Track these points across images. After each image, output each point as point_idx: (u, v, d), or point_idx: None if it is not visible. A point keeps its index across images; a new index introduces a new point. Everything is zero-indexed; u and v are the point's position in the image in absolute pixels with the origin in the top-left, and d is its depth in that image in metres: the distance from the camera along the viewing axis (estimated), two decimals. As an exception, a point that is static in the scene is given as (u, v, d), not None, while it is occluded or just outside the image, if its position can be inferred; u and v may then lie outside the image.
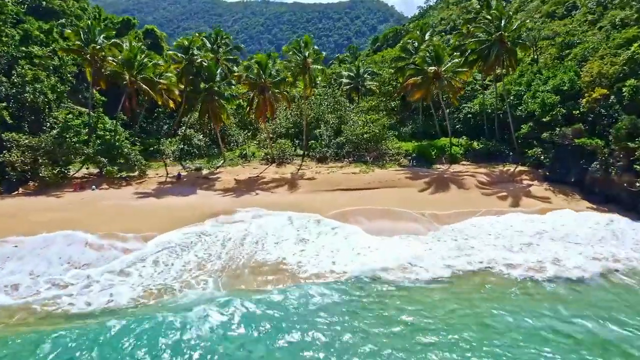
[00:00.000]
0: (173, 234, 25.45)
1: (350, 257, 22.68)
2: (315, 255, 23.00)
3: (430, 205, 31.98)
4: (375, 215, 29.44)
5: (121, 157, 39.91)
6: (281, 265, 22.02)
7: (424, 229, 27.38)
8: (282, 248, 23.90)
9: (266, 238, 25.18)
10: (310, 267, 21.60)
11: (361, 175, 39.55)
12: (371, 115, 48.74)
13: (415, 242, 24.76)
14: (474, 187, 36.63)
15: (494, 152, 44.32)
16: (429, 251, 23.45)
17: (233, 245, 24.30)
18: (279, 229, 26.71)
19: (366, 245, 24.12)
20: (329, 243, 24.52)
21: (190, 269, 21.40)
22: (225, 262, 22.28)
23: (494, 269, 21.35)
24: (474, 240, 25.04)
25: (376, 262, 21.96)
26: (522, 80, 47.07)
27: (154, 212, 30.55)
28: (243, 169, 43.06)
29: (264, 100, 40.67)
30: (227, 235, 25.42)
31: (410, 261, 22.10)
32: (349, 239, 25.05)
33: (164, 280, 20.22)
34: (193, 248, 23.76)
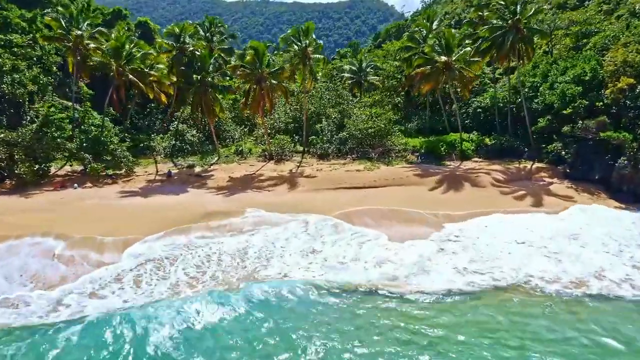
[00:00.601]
0: (157, 243, 22.05)
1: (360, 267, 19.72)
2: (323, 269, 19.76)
3: (443, 205, 29.01)
4: (383, 216, 26.46)
5: (107, 153, 36.96)
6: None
7: (438, 232, 24.38)
8: (286, 260, 20.62)
9: (268, 248, 21.93)
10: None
11: (366, 172, 36.60)
12: (375, 109, 45.74)
13: (428, 248, 21.69)
14: (489, 185, 33.66)
15: (507, 148, 41.31)
16: (445, 259, 20.43)
17: (230, 260, 20.54)
18: (281, 233, 23.68)
19: (380, 253, 21.13)
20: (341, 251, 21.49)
21: (179, 291, 17.60)
22: (221, 281, 18.71)
23: (524, 283, 18.14)
24: (496, 245, 22.00)
25: (385, 273, 18.98)
26: (536, 71, 44.14)
27: (140, 212, 27.64)
28: (239, 166, 40.11)
29: (261, 91, 37.71)
30: (222, 247, 21.99)
31: (423, 272, 19.10)
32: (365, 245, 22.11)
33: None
34: (182, 262, 20.16)
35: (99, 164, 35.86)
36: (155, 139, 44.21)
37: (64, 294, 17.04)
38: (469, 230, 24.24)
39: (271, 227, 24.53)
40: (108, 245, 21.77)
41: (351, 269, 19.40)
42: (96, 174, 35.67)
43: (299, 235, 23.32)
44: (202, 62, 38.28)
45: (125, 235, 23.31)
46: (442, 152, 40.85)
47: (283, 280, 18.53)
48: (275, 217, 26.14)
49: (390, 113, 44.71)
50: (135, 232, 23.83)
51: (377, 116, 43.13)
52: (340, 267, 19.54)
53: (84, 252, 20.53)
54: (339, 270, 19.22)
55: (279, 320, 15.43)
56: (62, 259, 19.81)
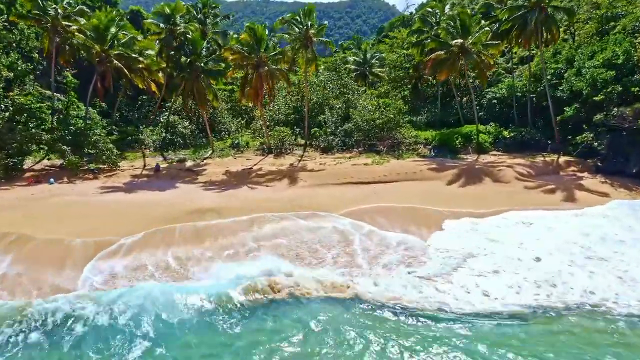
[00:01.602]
0: (121, 263, 17.12)
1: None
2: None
3: (463, 202, 25.47)
4: (398, 215, 22.87)
5: (89, 146, 33.52)
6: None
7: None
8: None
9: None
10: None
11: (374, 166, 33.08)
12: (384, 99, 42.25)
13: (458, 256, 18.03)
14: (513, 180, 30.11)
15: (528, 141, 37.76)
16: (480, 269, 16.78)
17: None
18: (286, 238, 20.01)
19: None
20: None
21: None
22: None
23: (585, 304, 14.20)
24: (537, 250, 18.36)
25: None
26: (558, 58, 40.64)
27: (120, 210, 24.14)
28: (234, 161, 36.63)
29: (259, 78, 34.22)
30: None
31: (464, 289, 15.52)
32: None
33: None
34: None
35: (79, 157, 32.40)
36: (144, 132, 40.75)
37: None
38: (503, 232, 20.63)
39: (272, 229, 20.99)
40: (75, 252, 18.20)
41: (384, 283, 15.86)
42: (75, 168, 32.21)
43: (308, 239, 19.66)
44: (194, 46, 34.75)
45: (100, 235, 19.87)
46: (457, 145, 37.32)
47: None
48: (276, 217, 22.60)
49: (400, 102, 41.14)
50: (111, 233, 20.35)
51: (386, 106, 39.59)
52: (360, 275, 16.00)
53: (36, 270, 16.30)
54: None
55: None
56: (3, 283, 15.65)
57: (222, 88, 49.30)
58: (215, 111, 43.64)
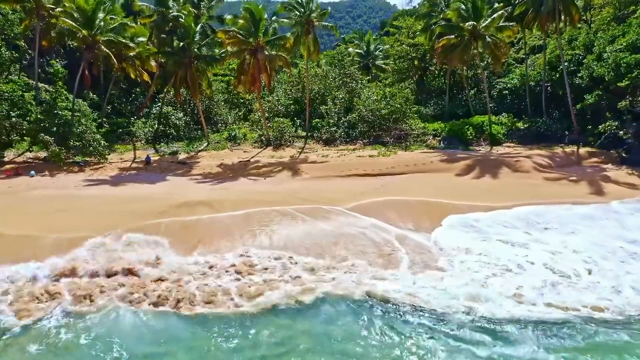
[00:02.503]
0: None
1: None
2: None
3: (480, 195, 23.10)
4: (411, 210, 20.50)
5: (74, 137, 31.21)
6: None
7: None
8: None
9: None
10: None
11: (381, 158, 30.77)
12: (389, 88, 39.91)
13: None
14: (532, 171, 27.77)
15: (544, 132, 35.42)
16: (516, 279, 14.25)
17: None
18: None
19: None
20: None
21: None
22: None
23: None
24: (580, 254, 15.91)
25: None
26: (575, 44, 38.31)
27: (101, 204, 21.75)
28: (230, 153, 34.31)
29: (257, 64, 31.89)
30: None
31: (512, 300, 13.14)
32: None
33: None
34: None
35: (62, 149, 30.08)
36: (136, 123, 38.43)
37: None
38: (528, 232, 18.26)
39: (275, 226, 18.56)
40: (46, 250, 15.86)
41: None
42: (59, 160, 29.89)
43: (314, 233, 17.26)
44: (187, 30, 32.40)
45: (75, 232, 17.54)
46: (468, 136, 34.96)
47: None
48: (277, 212, 20.21)
49: (408, 91, 38.74)
50: (89, 229, 17.99)
51: (392, 96, 37.20)
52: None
53: (1, 271, 14.12)
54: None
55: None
56: None
57: (219, 79, 47.04)
58: (211, 102, 41.33)
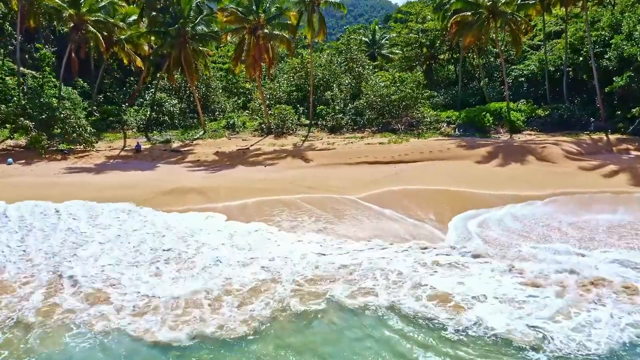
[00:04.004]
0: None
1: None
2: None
3: (505, 184, 20.42)
4: (431, 200, 17.88)
5: (59, 122, 28.67)
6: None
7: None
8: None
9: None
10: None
11: (392, 145, 28.14)
12: (399, 73, 37.30)
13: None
14: (562, 159, 25.06)
15: (567, 119, 32.76)
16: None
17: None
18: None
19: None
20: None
21: None
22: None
23: None
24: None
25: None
26: (599, 25, 35.63)
27: (78, 192, 19.28)
28: (228, 141, 31.74)
29: (257, 44, 29.30)
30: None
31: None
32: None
33: None
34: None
35: (43, 134, 27.53)
36: (128, 111, 35.89)
37: None
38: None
39: (278, 218, 16.02)
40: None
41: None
42: (41, 147, 27.35)
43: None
44: (181, 6, 29.79)
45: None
46: (485, 123, 32.30)
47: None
48: (280, 202, 17.65)
49: (420, 74, 36.11)
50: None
51: (402, 81, 34.56)
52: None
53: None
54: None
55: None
56: None
57: (218, 66, 44.48)
58: (208, 89, 38.74)
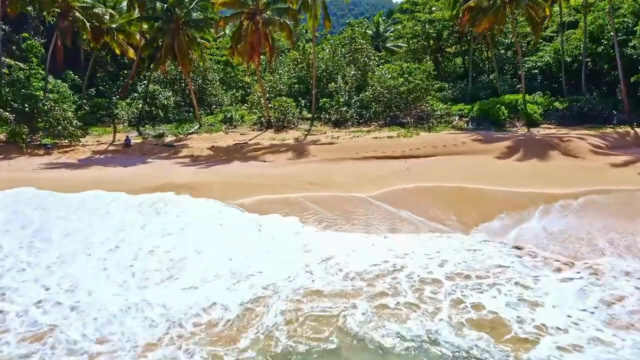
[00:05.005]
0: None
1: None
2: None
3: (530, 181, 18.32)
4: (450, 199, 15.75)
5: (40, 114, 26.62)
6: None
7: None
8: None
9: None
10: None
11: (401, 139, 26.04)
12: (408, 63, 35.15)
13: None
14: (588, 154, 22.91)
15: (587, 112, 30.61)
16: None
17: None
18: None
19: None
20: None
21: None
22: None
23: None
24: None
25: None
26: (619, 12, 33.46)
27: (51, 189, 17.22)
28: (225, 136, 29.66)
29: (256, 30, 27.19)
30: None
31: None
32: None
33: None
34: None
35: (24, 127, 25.46)
36: (119, 104, 33.83)
37: None
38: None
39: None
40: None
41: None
42: (20, 140, 25.29)
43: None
44: (174, -10, 27.76)
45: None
46: (500, 116, 30.15)
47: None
48: (281, 201, 15.59)
49: (430, 64, 33.95)
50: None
51: (410, 72, 32.42)
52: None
53: None
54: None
55: None
56: None
57: (216, 58, 42.42)
58: (204, 81, 36.67)
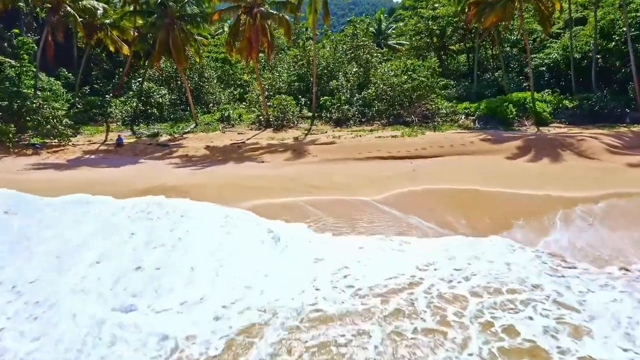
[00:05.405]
0: None
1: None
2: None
3: (545, 183, 17.14)
4: (461, 202, 14.64)
5: (30, 114, 25.51)
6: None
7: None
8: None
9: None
10: None
11: (406, 139, 24.86)
12: (412, 60, 33.97)
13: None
14: (604, 154, 21.74)
15: (599, 111, 29.45)
16: None
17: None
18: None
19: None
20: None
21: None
22: None
23: None
24: None
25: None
26: (631, 7, 32.29)
27: (32, 191, 16.09)
28: (222, 135, 28.51)
29: (253, 23, 26.04)
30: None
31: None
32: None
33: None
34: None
35: (11, 126, 24.34)
36: (113, 102, 32.72)
37: None
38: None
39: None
40: None
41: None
42: (8, 139, 24.16)
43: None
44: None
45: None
46: (508, 115, 28.99)
47: None
48: (280, 206, 14.44)
49: (435, 60, 32.79)
50: None
51: (414, 70, 31.25)
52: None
53: None
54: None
55: None
56: None
57: (213, 55, 41.28)
58: (201, 78, 35.53)
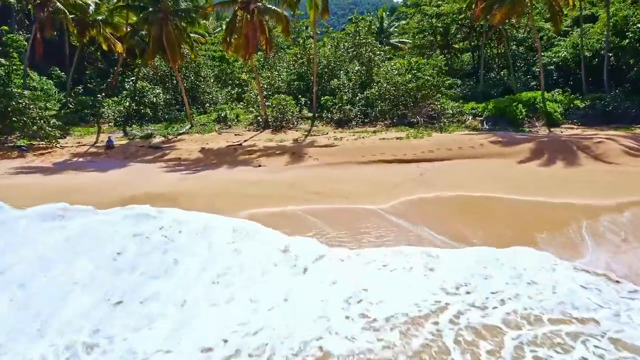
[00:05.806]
0: None
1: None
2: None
3: (563, 189, 15.84)
4: (476, 212, 13.38)
5: (16, 114, 24.26)
6: None
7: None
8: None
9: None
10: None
11: (412, 140, 23.57)
12: (416, 58, 32.67)
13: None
14: (623, 157, 20.41)
15: (612, 111, 28.16)
16: None
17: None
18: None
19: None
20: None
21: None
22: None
23: None
24: None
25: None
26: (645, 4, 31.06)
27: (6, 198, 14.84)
28: (218, 136, 27.22)
29: (251, 20, 24.76)
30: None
31: None
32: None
33: None
34: None
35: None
36: (106, 102, 31.48)
37: None
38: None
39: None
40: None
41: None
42: (-9, 142, 22.99)
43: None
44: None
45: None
46: (518, 115, 27.68)
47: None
48: (277, 215, 13.19)
49: (441, 58, 31.50)
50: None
51: (418, 68, 29.94)
52: None
53: None
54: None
55: None
56: None
57: (210, 53, 40.01)
58: (197, 78, 34.27)
